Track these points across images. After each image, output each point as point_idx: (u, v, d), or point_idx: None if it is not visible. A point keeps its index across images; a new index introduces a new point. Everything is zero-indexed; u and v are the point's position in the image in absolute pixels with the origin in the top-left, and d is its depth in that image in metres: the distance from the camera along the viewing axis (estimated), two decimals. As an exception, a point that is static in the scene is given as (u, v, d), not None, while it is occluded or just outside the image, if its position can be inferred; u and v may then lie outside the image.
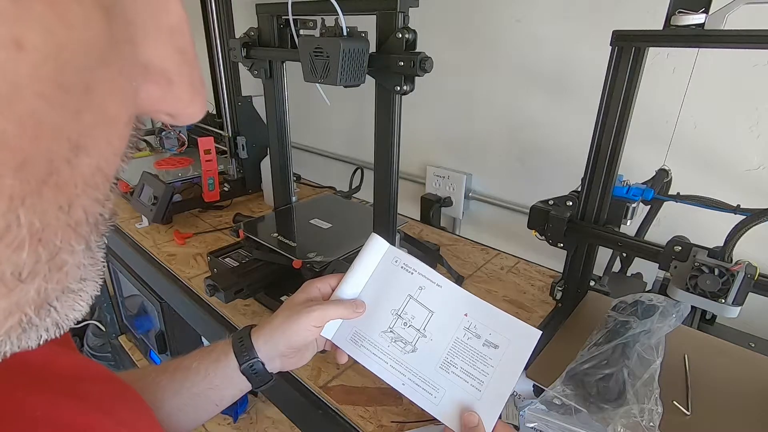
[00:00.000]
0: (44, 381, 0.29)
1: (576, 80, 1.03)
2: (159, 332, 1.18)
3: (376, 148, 0.76)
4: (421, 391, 0.49)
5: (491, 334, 0.50)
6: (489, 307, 0.51)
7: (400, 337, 0.52)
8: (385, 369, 0.51)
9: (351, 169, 1.32)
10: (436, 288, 0.53)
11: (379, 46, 0.70)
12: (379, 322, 0.53)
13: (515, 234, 1.24)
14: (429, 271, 0.54)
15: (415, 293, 0.54)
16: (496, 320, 0.50)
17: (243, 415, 1.37)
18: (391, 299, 0.54)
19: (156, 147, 1.44)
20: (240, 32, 0.91)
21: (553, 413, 0.57)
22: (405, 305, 0.53)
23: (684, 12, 0.53)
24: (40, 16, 0.12)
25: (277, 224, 1.00)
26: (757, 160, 0.86)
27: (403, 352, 0.51)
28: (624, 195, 0.67)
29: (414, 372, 0.50)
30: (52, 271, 0.16)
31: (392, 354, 0.51)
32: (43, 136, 0.13)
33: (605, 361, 0.59)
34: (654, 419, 0.52)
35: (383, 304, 0.54)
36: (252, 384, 0.50)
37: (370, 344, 0.52)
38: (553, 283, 0.78)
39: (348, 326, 0.53)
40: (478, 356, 0.49)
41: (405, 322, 0.53)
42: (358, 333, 0.53)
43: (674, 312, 0.60)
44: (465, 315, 0.51)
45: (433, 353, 0.51)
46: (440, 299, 0.53)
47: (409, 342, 0.52)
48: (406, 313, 0.53)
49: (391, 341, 0.52)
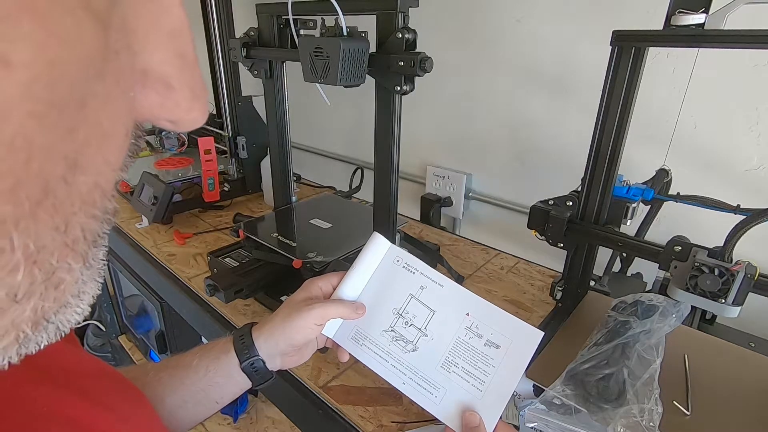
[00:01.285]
0: (48, 376, 0.29)
1: (576, 80, 1.03)
2: (159, 332, 1.18)
3: (376, 148, 0.76)
4: (421, 390, 0.49)
5: (493, 334, 0.50)
6: (491, 306, 0.51)
7: (401, 336, 0.52)
8: (385, 368, 0.51)
9: (351, 169, 1.32)
10: (437, 287, 0.53)
11: (379, 46, 0.70)
12: (381, 321, 0.53)
13: (515, 234, 1.24)
14: (431, 270, 0.54)
15: (417, 292, 0.53)
16: (498, 320, 0.50)
17: (243, 415, 1.37)
18: (392, 298, 0.53)
19: (156, 147, 1.44)
20: (240, 32, 0.91)
21: (553, 413, 0.57)
22: (406, 304, 0.53)
23: (684, 12, 0.53)
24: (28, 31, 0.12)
25: (277, 224, 1.00)
26: (757, 160, 0.86)
27: (404, 351, 0.51)
28: (624, 195, 0.67)
29: (415, 371, 0.50)
30: (49, 290, 0.15)
31: (393, 353, 0.51)
32: (35, 157, 0.13)
33: (605, 361, 0.59)
34: (654, 419, 0.52)
35: (384, 303, 0.54)
36: (252, 382, 0.50)
37: (372, 343, 0.52)
38: (553, 283, 0.78)
39: (349, 325, 0.53)
40: (480, 356, 0.49)
41: (406, 321, 0.52)
42: (360, 332, 0.53)
43: (674, 312, 0.60)
44: (467, 315, 0.51)
45: (435, 352, 0.50)
46: (442, 299, 0.53)
47: (410, 341, 0.51)
48: (408, 312, 0.53)
49: (393, 340, 0.52)
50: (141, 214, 1.14)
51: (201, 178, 1.18)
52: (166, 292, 1.00)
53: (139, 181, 1.13)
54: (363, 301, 0.54)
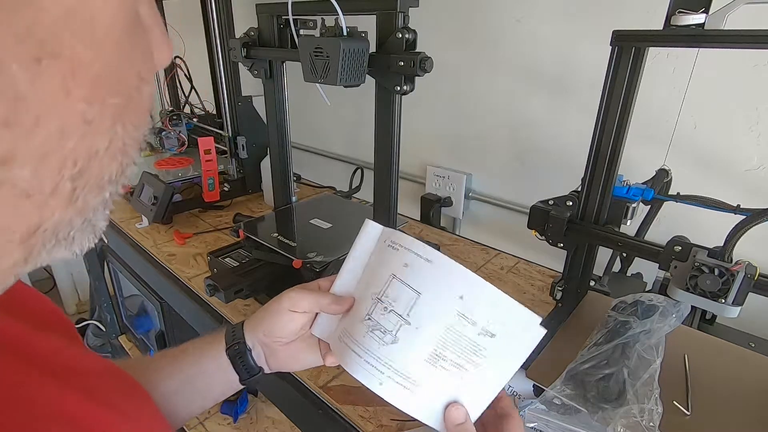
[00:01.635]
0: (52, 373, 0.29)
1: (576, 80, 1.03)
2: (159, 332, 1.18)
3: (376, 148, 0.76)
4: (400, 390, 0.40)
5: (489, 322, 0.40)
6: (490, 288, 0.40)
7: (378, 325, 0.42)
8: (360, 366, 0.41)
9: (351, 169, 1.32)
10: (424, 264, 0.41)
11: (379, 46, 0.70)
12: (359, 310, 0.44)
13: (515, 234, 1.24)
14: (418, 244, 0.42)
15: (399, 272, 0.42)
16: (497, 305, 0.41)
17: (243, 415, 1.37)
18: (374, 284, 0.44)
19: (156, 147, 1.44)
20: (240, 32, 0.91)
21: (553, 413, 0.57)
22: (386, 287, 0.42)
23: (684, 12, 0.53)
24: None
25: (277, 224, 1.00)
26: (757, 160, 0.86)
27: (380, 343, 0.41)
28: (624, 195, 0.67)
29: (394, 369, 0.41)
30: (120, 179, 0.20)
31: (367, 346, 0.41)
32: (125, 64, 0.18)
33: (605, 361, 0.59)
34: (654, 419, 0.52)
35: (367, 290, 0.45)
36: (237, 371, 0.48)
37: (349, 338, 0.43)
38: (553, 283, 0.78)
39: (336, 323, 0.47)
40: (471, 346, 0.40)
41: (385, 307, 0.42)
42: (345, 330, 0.44)
43: (674, 312, 0.60)
44: (460, 297, 0.40)
45: (419, 344, 0.40)
46: (430, 278, 0.41)
47: (389, 331, 0.41)
48: (387, 295, 0.42)
49: (368, 330, 0.42)
50: (141, 214, 1.14)
51: (201, 178, 1.18)
52: (166, 292, 1.00)
53: (139, 181, 1.13)
54: (355, 295, 0.46)
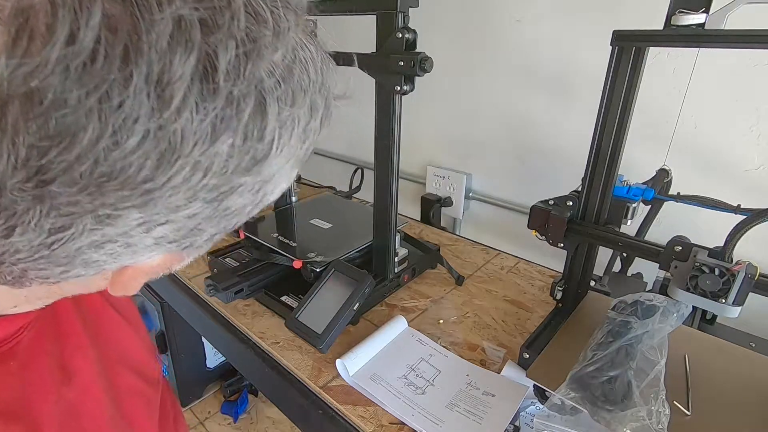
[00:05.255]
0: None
1: (576, 80, 1.03)
2: (159, 332, 1.18)
3: (376, 148, 0.76)
4: (428, 423, 0.60)
5: (489, 387, 0.66)
6: (487, 372, 0.68)
7: (412, 383, 0.67)
8: (398, 403, 0.63)
9: (351, 169, 1.32)
10: (443, 357, 0.71)
11: (379, 46, 0.70)
12: (396, 370, 0.69)
13: (515, 234, 1.24)
14: (438, 346, 0.73)
15: (427, 357, 0.71)
16: (492, 379, 0.67)
17: (243, 415, 1.37)
18: (406, 357, 0.71)
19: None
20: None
21: (559, 417, 0.57)
22: (418, 363, 0.70)
23: (684, 12, 0.53)
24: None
25: (277, 224, 1.00)
26: (757, 160, 0.85)
27: (414, 393, 0.65)
28: (624, 195, 0.67)
29: (422, 408, 0.62)
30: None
31: (405, 393, 0.65)
32: None
33: (610, 362, 0.59)
34: (663, 421, 0.52)
35: (400, 359, 0.70)
36: None
37: (387, 384, 0.66)
38: (554, 283, 0.77)
39: (369, 369, 0.68)
40: (478, 401, 0.64)
41: (417, 374, 0.68)
42: (377, 375, 0.68)
43: (675, 312, 0.60)
44: (467, 375, 0.68)
45: (440, 397, 0.64)
46: (446, 364, 0.70)
47: (420, 387, 0.66)
48: (419, 368, 0.69)
49: (405, 384, 0.66)
50: (141, 214, 1.13)
51: (201, 178, 1.17)
52: (166, 292, 1.00)
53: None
54: (378, 359, 0.70)
